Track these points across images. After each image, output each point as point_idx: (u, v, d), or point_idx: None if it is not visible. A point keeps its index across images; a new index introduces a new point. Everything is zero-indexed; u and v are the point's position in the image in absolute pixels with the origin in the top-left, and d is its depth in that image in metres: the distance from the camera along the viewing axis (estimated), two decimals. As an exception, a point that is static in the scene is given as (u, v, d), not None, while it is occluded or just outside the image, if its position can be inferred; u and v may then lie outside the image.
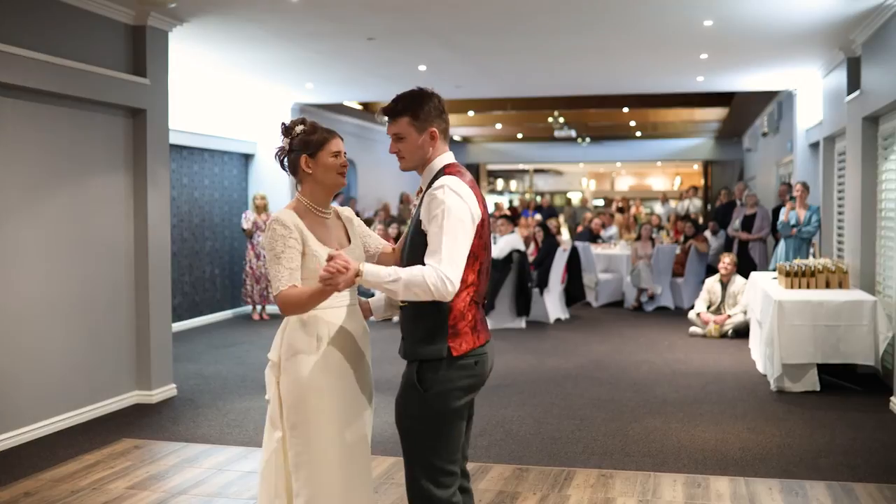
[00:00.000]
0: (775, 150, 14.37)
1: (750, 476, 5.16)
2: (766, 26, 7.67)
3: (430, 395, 2.95)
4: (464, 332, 2.97)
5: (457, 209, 2.88)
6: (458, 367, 2.96)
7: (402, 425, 3.05)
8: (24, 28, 5.91)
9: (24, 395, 5.96)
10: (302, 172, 3.22)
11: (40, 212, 6.16)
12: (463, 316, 2.98)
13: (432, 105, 3.04)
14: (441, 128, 3.08)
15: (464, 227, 2.88)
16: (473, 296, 3.02)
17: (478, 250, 2.99)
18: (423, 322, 2.99)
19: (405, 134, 3.03)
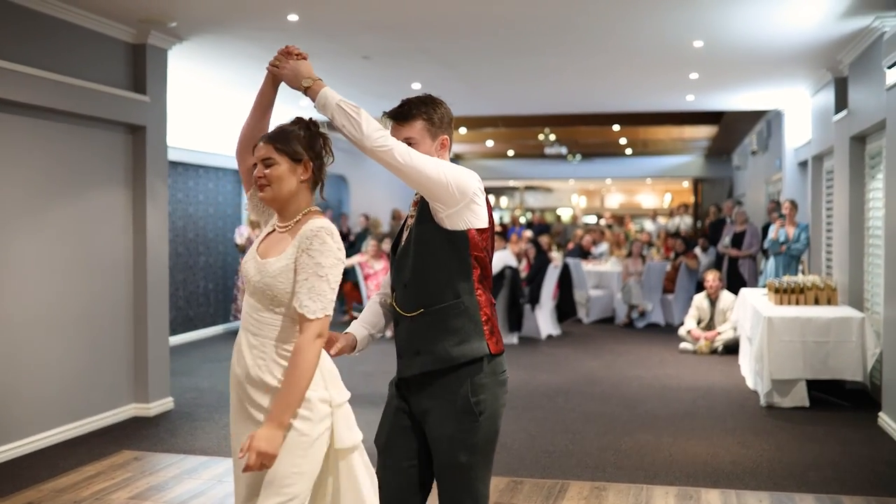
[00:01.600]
0: (764, 168, 14.54)
1: (740, 489, 5.26)
2: (756, 47, 7.81)
3: (486, 418, 2.82)
4: (496, 332, 2.89)
5: (460, 169, 2.80)
6: (502, 381, 2.88)
7: (458, 462, 2.83)
8: (27, 46, 6.00)
9: (25, 407, 6.02)
10: None
11: (41, 226, 6.23)
12: (494, 314, 2.91)
13: (445, 111, 2.93)
14: (451, 137, 2.97)
15: (442, 173, 2.74)
16: (492, 295, 2.95)
17: (489, 240, 2.90)
18: (452, 323, 2.82)
19: (419, 139, 2.86)
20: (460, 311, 2.82)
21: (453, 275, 2.82)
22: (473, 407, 2.79)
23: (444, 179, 2.74)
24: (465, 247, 2.81)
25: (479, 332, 2.83)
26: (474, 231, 2.82)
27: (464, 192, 2.78)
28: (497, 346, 2.87)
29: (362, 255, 12.43)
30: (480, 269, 2.87)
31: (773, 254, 10.45)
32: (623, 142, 19.90)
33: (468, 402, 2.80)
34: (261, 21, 6.88)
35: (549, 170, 24.31)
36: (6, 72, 5.74)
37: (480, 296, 2.86)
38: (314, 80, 2.76)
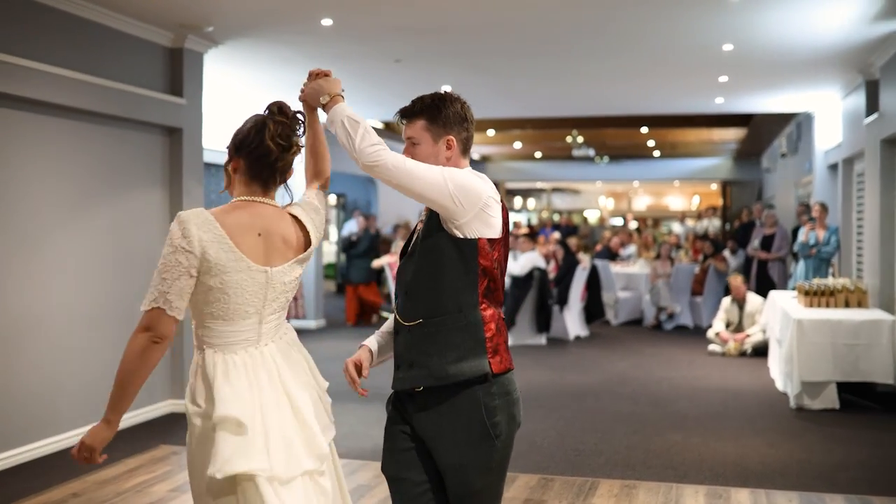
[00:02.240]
0: (794, 171, 14.50)
1: (770, 489, 5.30)
2: (786, 49, 7.84)
3: (502, 441, 2.67)
4: (501, 350, 2.70)
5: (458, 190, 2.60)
6: (514, 401, 2.71)
7: (475, 489, 2.70)
8: (69, 50, 6.15)
9: (69, 401, 6.18)
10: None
11: (83, 226, 6.38)
12: (499, 331, 2.71)
13: (453, 110, 2.73)
14: (461, 137, 2.76)
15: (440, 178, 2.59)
16: (499, 307, 2.77)
17: (501, 251, 2.73)
18: (452, 338, 2.66)
19: (419, 139, 2.72)
20: (461, 325, 2.65)
21: (457, 285, 2.65)
22: (490, 430, 2.64)
23: (446, 192, 2.58)
24: (472, 256, 2.64)
25: (479, 350, 2.65)
26: (485, 241, 2.64)
27: (472, 203, 2.61)
28: (501, 366, 2.68)
29: (391, 255, 12.56)
30: (488, 280, 2.68)
31: (802, 256, 10.44)
32: (651, 144, 19.89)
33: (485, 425, 2.64)
34: (295, 25, 7.00)
35: (577, 172, 24.34)
36: (50, 76, 5.89)
37: (485, 310, 2.67)
38: (332, 96, 2.68)
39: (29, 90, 5.73)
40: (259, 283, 2.59)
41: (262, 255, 2.60)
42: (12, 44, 5.65)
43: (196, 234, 2.48)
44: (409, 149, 2.74)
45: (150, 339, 2.49)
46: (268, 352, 2.62)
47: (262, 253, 2.60)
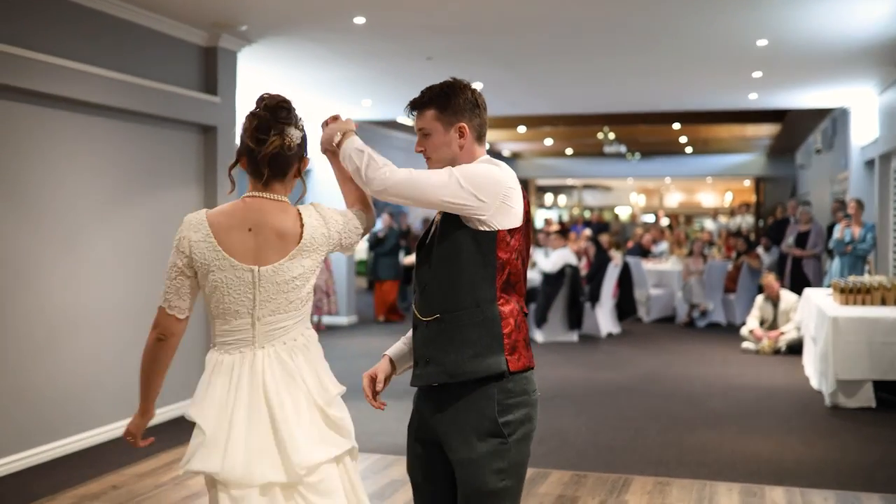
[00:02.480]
0: (829, 167, 14.36)
1: (805, 487, 5.26)
2: (821, 45, 7.77)
3: (516, 440, 2.58)
4: (519, 346, 2.61)
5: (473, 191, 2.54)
6: (532, 403, 2.63)
7: (485, 489, 2.57)
8: (105, 50, 6.23)
9: (105, 396, 6.27)
10: (293, 176, 2.71)
11: (119, 223, 6.47)
12: (518, 327, 2.61)
13: (464, 97, 2.65)
14: (473, 124, 2.68)
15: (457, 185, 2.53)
16: (520, 301, 2.66)
17: (524, 252, 2.66)
18: (468, 334, 2.57)
19: (430, 129, 2.66)
20: (477, 320, 2.56)
21: (475, 279, 2.56)
22: (502, 428, 2.55)
23: (462, 191, 2.53)
24: (490, 249, 2.56)
25: (496, 346, 2.55)
26: (504, 232, 2.57)
27: (493, 195, 2.55)
28: (519, 363, 2.58)
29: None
30: (508, 273, 2.59)
31: (838, 254, 10.34)
32: (683, 140, 19.77)
33: (496, 423, 2.55)
34: (328, 24, 7.04)
35: (608, 168, 24.26)
36: (87, 75, 5.98)
37: (504, 305, 2.58)
38: (343, 132, 2.69)
39: (66, 89, 5.82)
40: (245, 282, 2.54)
41: (251, 251, 2.56)
42: (52, 45, 5.74)
43: (186, 235, 2.57)
44: (422, 141, 2.69)
45: (157, 335, 2.63)
46: (262, 354, 2.54)
47: (252, 249, 2.55)
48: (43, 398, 5.76)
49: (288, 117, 2.62)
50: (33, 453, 5.65)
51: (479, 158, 2.68)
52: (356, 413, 2.75)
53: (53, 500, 4.97)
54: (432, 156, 2.68)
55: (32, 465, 5.61)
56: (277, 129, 2.58)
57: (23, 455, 5.57)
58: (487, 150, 2.80)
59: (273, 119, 2.59)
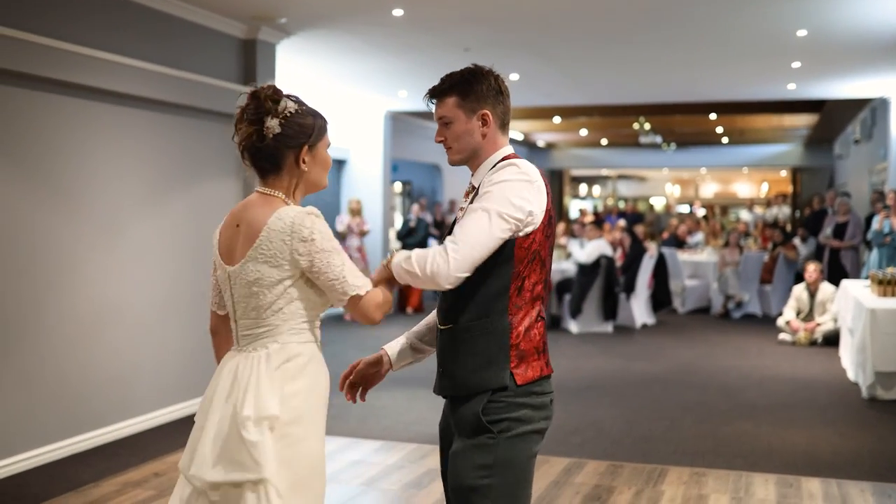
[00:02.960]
0: (868, 158, 14.20)
1: (842, 478, 5.26)
2: (862, 34, 7.70)
3: (506, 438, 2.41)
4: (529, 356, 2.46)
5: (511, 200, 2.38)
6: (535, 404, 2.46)
7: (465, 486, 2.42)
8: (146, 43, 6.34)
9: (145, 385, 6.40)
10: (292, 168, 2.49)
11: (159, 215, 6.58)
12: (528, 335, 2.46)
13: (487, 84, 2.51)
14: (497, 111, 2.53)
15: (502, 221, 2.36)
16: (541, 310, 2.52)
17: (544, 252, 2.50)
18: (475, 345, 2.46)
19: (452, 117, 2.51)
20: (486, 331, 2.44)
21: (487, 290, 2.44)
22: (487, 425, 2.41)
23: (511, 221, 2.38)
24: (506, 257, 2.41)
25: (502, 359, 2.43)
26: (521, 238, 2.42)
27: (531, 214, 2.41)
28: (527, 375, 2.44)
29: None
30: (522, 280, 2.45)
31: (876, 245, 10.25)
32: (719, 130, 19.63)
33: (478, 418, 2.42)
34: (367, 16, 7.10)
35: (643, 158, 24.14)
36: (128, 68, 6.09)
37: (515, 314, 2.44)
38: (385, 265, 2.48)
39: (108, 82, 5.93)
40: (224, 281, 2.51)
41: (233, 248, 2.49)
42: (93, 37, 5.84)
43: (216, 231, 2.62)
44: (442, 130, 2.54)
45: (209, 329, 2.69)
46: (239, 358, 2.45)
47: (236, 246, 2.48)
48: (85, 387, 5.89)
49: (259, 107, 2.44)
50: (76, 441, 5.78)
51: (501, 149, 2.55)
52: (391, 402, 2.77)
53: (97, 486, 5.08)
54: (453, 145, 2.54)
55: (76, 452, 5.73)
56: (250, 119, 2.45)
57: (66, 443, 5.70)
58: (522, 141, 2.72)
59: (248, 109, 2.47)
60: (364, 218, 12.34)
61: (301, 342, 2.45)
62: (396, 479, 5.22)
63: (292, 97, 2.51)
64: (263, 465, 2.31)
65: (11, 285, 5.33)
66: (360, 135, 13.03)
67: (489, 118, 2.51)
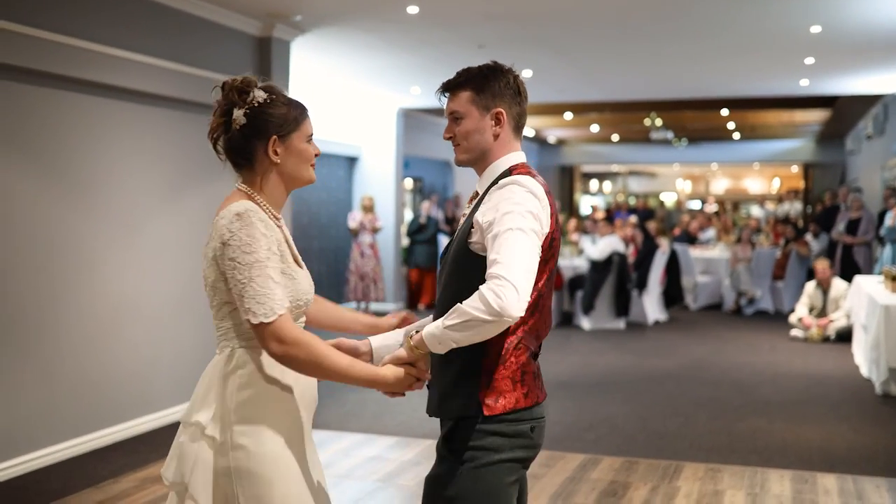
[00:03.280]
0: (880, 153, 14.15)
1: (857, 474, 5.27)
2: (876, 30, 7.69)
3: (472, 468, 2.21)
4: (502, 385, 2.22)
5: (532, 213, 2.20)
6: (508, 432, 2.23)
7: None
8: (161, 40, 6.37)
9: (163, 381, 6.44)
10: (262, 161, 2.36)
11: (175, 212, 6.62)
12: (503, 361, 2.23)
13: (504, 82, 2.35)
14: (513, 112, 2.36)
15: (536, 237, 2.19)
16: (524, 337, 2.26)
17: (537, 272, 2.22)
18: (450, 367, 2.26)
19: (464, 112, 2.33)
20: (458, 353, 2.20)
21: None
22: (449, 454, 2.25)
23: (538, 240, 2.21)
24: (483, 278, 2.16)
25: (471, 385, 2.23)
26: None
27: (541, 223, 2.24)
28: (495, 407, 2.21)
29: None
30: None
31: (889, 241, 10.24)
32: (731, 126, 19.58)
33: (444, 442, 2.28)
34: (381, 13, 7.12)
35: (654, 154, 24.11)
36: (144, 65, 6.13)
37: (491, 340, 2.20)
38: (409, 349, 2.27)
39: (124, 79, 5.97)
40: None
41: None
42: (109, 35, 5.88)
43: None
44: (451, 126, 2.37)
45: None
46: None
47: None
48: (104, 383, 5.94)
49: (227, 99, 2.35)
50: (95, 437, 5.83)
51: (511, 154, 2.37)
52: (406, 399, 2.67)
53: (117, 482, 5.13)
54: (462, 143, 2.35)
55: (95, 448, 5.78)
56: (220, 112, 2.37)
57: (85, 438, 5.75)
58: (533, 137, 2.58)
59: (219, 102, 2.39)
60: (376, 214, 12.37)
61: (251, 349, 2.31)
62: (413, 475, 5.25)
63: (267, 87, 2.37)
64: (183, 472, 2.27)
65: (32, 283, 5.38)
66: (373, 132, 13.06)
67: (503, 117, 2.34)
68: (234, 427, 2.25)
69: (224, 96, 2.35)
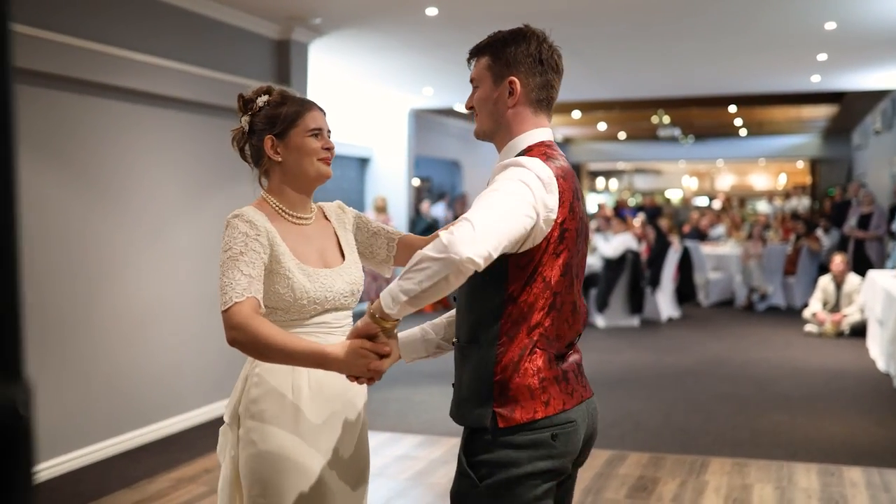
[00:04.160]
0: (888, 148, 14.19)
1: (882, 467, 5.32)
2: (889, 26, 7.73)
3: (489, 486, 2.03)
4: (518, 394, 2.03)
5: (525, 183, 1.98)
6: (524, 443, 2.03)
7: None
8: (182, 44, 6.43)
9: (189, 383, 6.50)
10: (268, 162, 2.43)
11: (198, 215, 6.68)
12: (516, 369, 2.04)
13: (524, 48, 2.12)
14: (531, 83, 2.13)
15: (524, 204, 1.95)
16: (539, 341, 2.06)
17: (550, 273, 2.06)
18: (466, 370, 2.13)
19: (480, 79, 2.17)
20: (473, 358, 2.10)
21: (478, 309, 2.10)
22: (467, 469, 2.07)
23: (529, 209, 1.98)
24: (499, 274, 2.04)
25: (483, 395, 2.07)
26: (517, 257, 2.03)
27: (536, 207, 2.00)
28: (510, 418, 2.03)
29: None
30: (518, 304, 2.05)
31: (902, 235, 10.29)
32: (738, 123, 19.64)
33: (462, 460, 2.11)
34: (400, 15, 7.18)
35: (660, 151, 24.16)
36: (165, 70, 6.18)
37: (504, 346, 2.05)
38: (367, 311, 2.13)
39: (146, 84, 6.02)
40: None
41: None
42: (131, 40, 5.93)
43: None
44: (471, 94, 2.22)
45: None
46: None
47: None
48: (135, 385, 6.00)
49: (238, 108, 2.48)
50: (127, 438, 5.89)
51: (533, 131, 2.14)
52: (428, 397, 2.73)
53: (152, 482, 5.19)
54: (478, 112, 2.19)
55: (126, 449, 5.84)
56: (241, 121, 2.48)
57: (118, 440, 5.80)
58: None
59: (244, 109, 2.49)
60: (389, 215, 12.43)
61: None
62: (443, 473, 5.30)
63: (268, 91, 2.45)
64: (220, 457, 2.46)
65: (66, 287, 5.44)
66: (385, 132, 13.12)
67: (517, 87, 2.11)
68: (246, 423, 2.34)
69: (238, 107, 2.48)
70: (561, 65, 2.21)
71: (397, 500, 4.89)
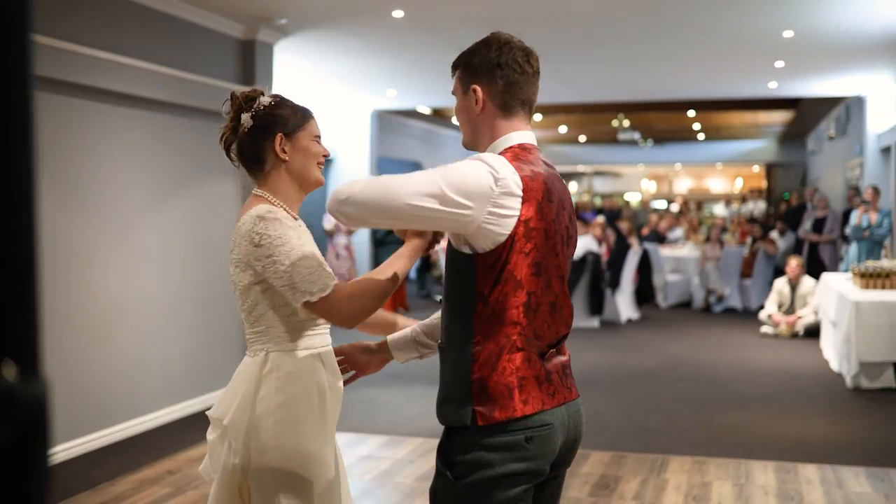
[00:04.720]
0: (842, 154, 14.50)
1: (836, 464, 5.46)
2: (845, 34, 7.92)
3: (466, 484, 2.05)
4: (496, 393, 2.04)
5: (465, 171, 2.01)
6: (497, 444, 2.03)
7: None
8: (146, 43, 6.40)
9: (151, 384, 6.47)
10: (273, 159, 2.43)
11: (162, 215, 6.66)
12: (494, 367, 2.05)
13: (481, 56, 2.16)
14: (493, 89, 2.15)
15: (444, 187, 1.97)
16: (516, 340, 2.06)
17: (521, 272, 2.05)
18: (447, 370, 2.15)
19: (455, 92, 2.23)
20: (451, 358, 2.13)
21: (456, 311, 2.12)
22: (443, 468, 2.10)
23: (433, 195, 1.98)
24: (467, 276, 2.07)
25: (460, 394, 2.07)
26: (487, 252, 2.03)
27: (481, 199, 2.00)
28: (489, 417, 2.03)
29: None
30: (489, 302, 2.05)
31: (855, 239, 10.52)
32: (696, 127, 19.91)
33: (440, 457, 2.13)
34: (366, 17, 7.21)
35: (620, 155, 24.41)
36: (130, 68, 6.15)
37: (480, 343, 2.05)
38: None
39: (110, 82, 5.98)
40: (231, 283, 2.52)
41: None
42: (95, 38, 5.89)
43: None
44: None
45: None
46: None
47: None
48: (96, 386, 5.96)
49: (235, 107, 2.47)
50: (88, 439, 5.85)
51: (506, 136, 2.17)
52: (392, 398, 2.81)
53: (113, 485, 5.16)
54: (459, 123, 2.25)
55: (88, 450, 5.80)
56: (230, 119, 2.48)
57: (78, 441, 5.76)
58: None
59: (228, 111, 2.51)
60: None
61: (285, 351, 2.35)
62: (408, 473, 5.34)
63: (273, 95, 2.49)
64: (205, 466, 2.44)
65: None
66: (347, 133, 13.13)
67: (479, 94, 2.15)
68: (271, 429, 2.30)
69: (233, 105, 2.46)
70: (531, 65, 2.23)
71: (363, 500, 4.92)
